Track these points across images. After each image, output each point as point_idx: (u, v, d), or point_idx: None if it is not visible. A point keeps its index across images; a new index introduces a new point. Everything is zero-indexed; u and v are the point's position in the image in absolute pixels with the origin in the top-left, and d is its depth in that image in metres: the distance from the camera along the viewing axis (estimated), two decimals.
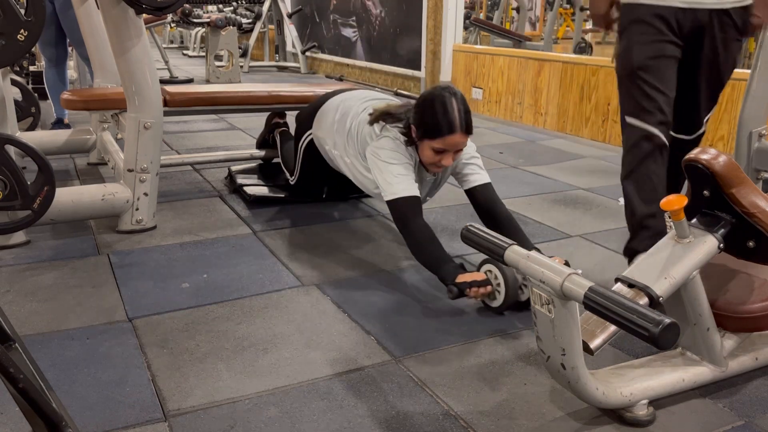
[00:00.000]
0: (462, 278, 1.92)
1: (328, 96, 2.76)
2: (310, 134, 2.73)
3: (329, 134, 2.58)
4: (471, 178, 2.28)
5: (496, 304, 1.95)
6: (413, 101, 2.23)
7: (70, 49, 4.65)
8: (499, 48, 6.90)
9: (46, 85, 4.29)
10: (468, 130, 2.12)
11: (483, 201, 2.27)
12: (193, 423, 1.44)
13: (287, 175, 2.99)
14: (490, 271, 1.95)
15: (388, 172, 2.18)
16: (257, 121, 4.41)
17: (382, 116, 2.28)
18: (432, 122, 2.09)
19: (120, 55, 2.46)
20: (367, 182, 2.39)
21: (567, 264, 1.99)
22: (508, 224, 2.19)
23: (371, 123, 2.31)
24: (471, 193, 2.29)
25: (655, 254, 1.49)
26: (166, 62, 7.51)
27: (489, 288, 1.92)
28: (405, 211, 2.12)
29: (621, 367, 1.56)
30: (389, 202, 2.16)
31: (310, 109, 2.79)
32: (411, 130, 2.19)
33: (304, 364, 1.68)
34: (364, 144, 2.35)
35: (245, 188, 3.07)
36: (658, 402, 1.51)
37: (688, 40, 1.99)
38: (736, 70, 2.17)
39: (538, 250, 2.05)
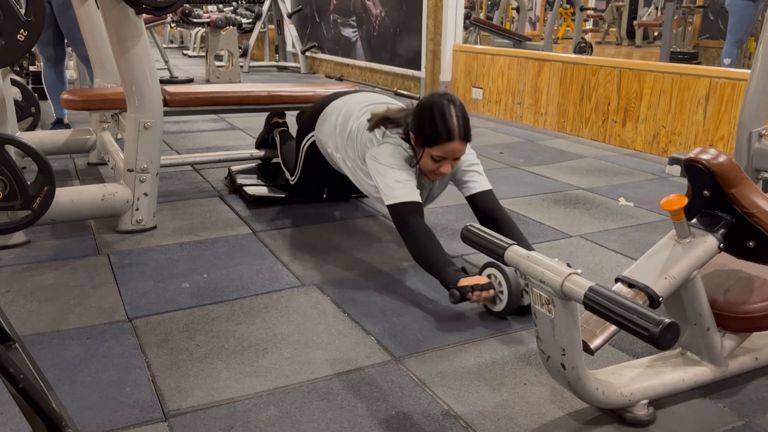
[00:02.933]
0: (464, 282, 1.90)
1: (330, 98, 2.76)
2: (313, 136, 2.73)
3: (331, 137, 2.58)
4: (471, 185, 2.28)
5: (498, 308, 1.93)
6: (413, 104, 2.23)
7: (69, 49, 4.64)
8: (499, 48, 6.90)
9: (44, 85, 4.28)
10: (466, 137, 2.11)
11: (483, 207, 2.26)
12: (193, 423, 1.44)
13: (287, 175, 2.99)
14: (492, 274, 1.93)
15: (389, 176, 2.17)
16: (257, 121, 4.41)
17: (382, 122, 2.27)
18: (430, 130, 2.09)
19: (120, 55, 2.46)
20: (368, 186, 2.39)
21: (569, 266, 1.99)
22: (508, 228, 2.17)
23: (371, 129, 2.30)
24: (471, 199, 2.28)
25: (655, 254, 1.49)
26: (166, 62, 7.51)
27: (491, 292, 1.90)
28: (406, 215, 2.12)
29: (621, 367, 1.56)
30: (390, 207, 2.15)
31: (312, 110, 2.79)
32: (410, 137, 2.19)
33: (304, 364, 1.68)
34: (364, 149, 2.34)
35: (245, 188, 3.07)
36: (658, 402, 1.51)
37: None
38: (735, 70, 2.16)
39: None
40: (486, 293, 1.89)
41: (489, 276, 1.94)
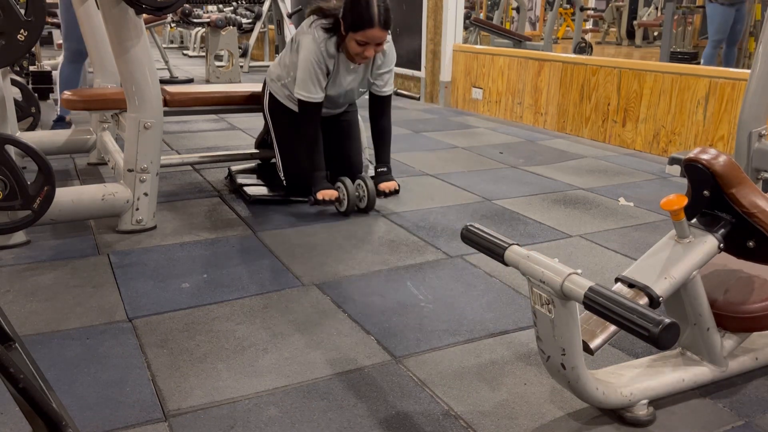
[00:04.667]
0: (320, 195, 2.71)
1: None
2: (268, 92, 2.98)
3: (276, 69, 2.94)
4: (377, 86, 2.85)
5: (341, 209, 2.80)
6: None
7: None
8: (499, 48, 6.90)
9: (58, 81, 4.21)
10: (386, 25, 2.53)
11: (377, 108, 2.89)
12: (193, 423, 1.44)
13: (281, 175, 2.99)
14: (339, 186, 2.78)
15: (304, 71, 2.66)
16: (257, 121, 4.41)
17: (315, 11, 2.70)
18: (354, 17, 2.52)
19: (120, 55, 2.46)
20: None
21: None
22: (381, 135, 2.89)
23: (307, 16, 2.72)
24: (372, 98, 2.89)
25: (655, 254, 1.49)
26: (166, 62, 7.51)
27: (335, 194, 2.75)
28: (307, 112, 2.73)
29: (621, 367, 1.56)
30: (298, 100, 2.72)
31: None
32: (340, 24, 2.59)
33: (304, 364, 1.68)
34: (298, 35, 2.77)
35: (245, 188, 3.07)
36: (658, 402, 1.51)
37: None
38: (735, 70, 2.17)
39: (389, 170, 2.92)
40: (330, 196, 2.74)
41: (337, 187, 2.79)
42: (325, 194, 2.74)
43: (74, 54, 4.11)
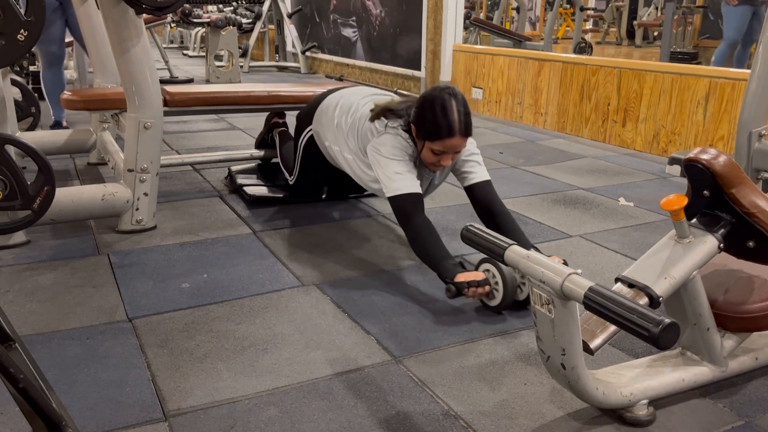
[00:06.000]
0: (460, 278, 1.92)
1: (328, 92, 2.76)
2: (310, 130, 2.73)
3: (329, 129, 2.58)
4: (470, 175, 2.29)
5: (494, 303, 1.95)
6: (414, 97, 2.24)
7: (69, 49, 4.62)
8: (499, 48, 6.90)
9: (43, 88, 4.24)
10: (467, 133, 2.12)
11: (481, 198, 2.27)
12: (193, 423, 1.44)
13: (286, 175, 2.99)
14: (488, 270, 1.95)
15: (390, 168, 2.18)
16: (257, 121, 4.42)
17: (384, 112, 2.28)
18: (431, 124, 2.10)
19: (120, 55, 2.46)
20: (367, 179, 2.39)
21: (565, 263, 1.99)
22: (506, 222, 2.20)
23: (372, 119, 2.30)
24: (470, 190, 2.30)
25: (655, 254, 1.49)
26: (166, 62, 7.51)
27: (487, 288, 1.93)
28: (407, 207, 2.13)
29: (621, 367, 1.56)
30: (391, 198, 2.16)
31: (310, 105, 2.79)
32: (411, 129, 2.20)
33: (304, 364, 1.68)
34: (365, 140, 2.34)
35: (245, 188, 3.07)
36: (658, 402, 1.51)
37: None
38: (735, 70, 2.17)
39: (537, 249, 2.06)
40: (482, 289, 1.92)
41: (485, 271, 1.96)
42: (474, 289, 1.92)
43: (50, 57, 4.12)
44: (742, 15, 5.83)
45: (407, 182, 2.16)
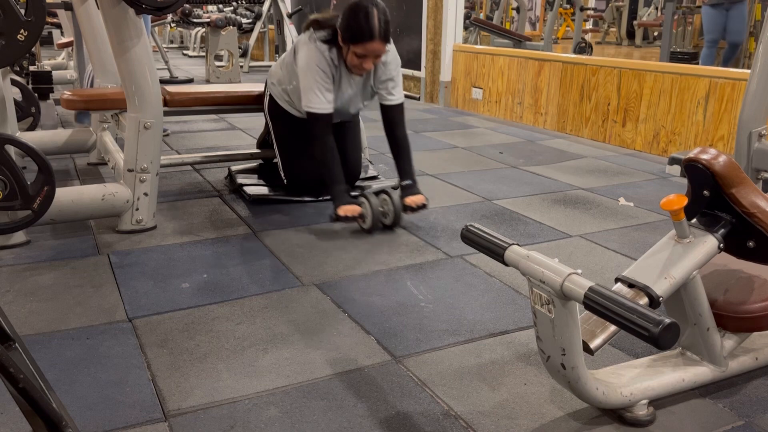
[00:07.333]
0: (341, 211, 2.50)
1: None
2: (269, 93, 2.94)
3: (276, 74, 2.88)
4: (387, 96, 2.73)
5: (365, 226, 2.60)
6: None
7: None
8: (499, 48, 6.90)
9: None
10: (386, 38, 2.47)
11: (389, 120, 2.74)
12: (193, 423, 1.44)
13: (281, 174, 2.99)
14: (363, 203, 2.57)
15: (305, 79, 2.57)
16: (257, 121, 4.41)
17: (312, 23, 2.62)
18: (354, 29, 2.44)
19: (120, 55, 2.46)
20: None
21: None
22: (399, 149, 2.71)
23: (303, 30, 2.64)
24: (382, 108, 2.75)
25: (655, 254, 1.49)
26: (166, 62, 7.51)
27: (359, 210, 2.53)
28: (316, 128, 2.60)
29: (621, 367, 1.56)
30: (306, 111, 2.61)
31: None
32: (338, 35, 2.52)
33: (304, 364, 1.68)
34: (298, 50, 2.66)
35: (245, 188, 3.07)
36: (658, 402, 1.51)
37: None
38: (736, 70, 2.17)
39: (414, 182, 2.68)
40: (353, 212, 2.52)
41: (361, 203, 2.56)
42: (347, 210, 2.53)
43: None
44: (714, 15, 6.15)
45: (317, 99, 2.56)
